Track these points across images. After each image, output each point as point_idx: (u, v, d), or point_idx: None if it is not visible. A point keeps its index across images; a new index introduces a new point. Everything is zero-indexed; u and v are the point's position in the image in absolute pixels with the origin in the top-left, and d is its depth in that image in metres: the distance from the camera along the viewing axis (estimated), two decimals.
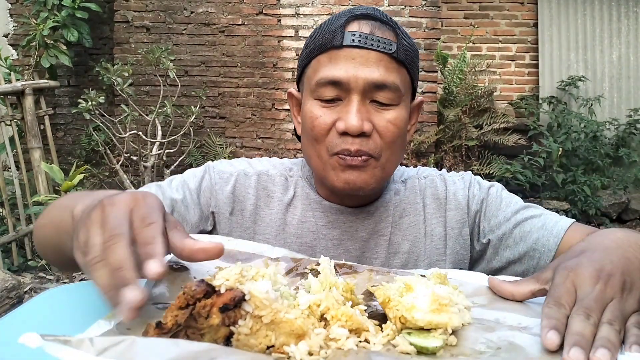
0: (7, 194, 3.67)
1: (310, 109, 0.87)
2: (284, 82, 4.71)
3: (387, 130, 0.85)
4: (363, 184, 0.86)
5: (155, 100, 4.41)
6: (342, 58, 0.84)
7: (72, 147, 5.19)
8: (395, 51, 0.84)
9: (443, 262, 0.95)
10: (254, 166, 0.99)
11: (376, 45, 0.83)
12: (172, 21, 4.74)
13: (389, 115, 0.85)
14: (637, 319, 0.54)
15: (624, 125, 5.25)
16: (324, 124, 0.85)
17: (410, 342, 0.52)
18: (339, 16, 0.88)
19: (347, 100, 0.85)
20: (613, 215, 4.78)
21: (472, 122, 4.76)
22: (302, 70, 0.92)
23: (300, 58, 0.93)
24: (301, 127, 0.93)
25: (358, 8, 0.88)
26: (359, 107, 0.83)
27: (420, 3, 4.59)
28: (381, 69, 0.83)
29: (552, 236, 0.88)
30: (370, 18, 0.86)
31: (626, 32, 5.51)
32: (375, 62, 0.83)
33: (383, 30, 0.85)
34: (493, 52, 5.56)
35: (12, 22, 5.24)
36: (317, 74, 0.86)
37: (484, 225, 0.96)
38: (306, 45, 0.91)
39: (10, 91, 3.78)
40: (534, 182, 4.68)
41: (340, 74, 0.83)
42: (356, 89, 0.83)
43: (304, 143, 0.92)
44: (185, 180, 0.95)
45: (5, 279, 2.95)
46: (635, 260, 0.61)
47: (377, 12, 0.88)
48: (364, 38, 0.83)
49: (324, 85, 0.85)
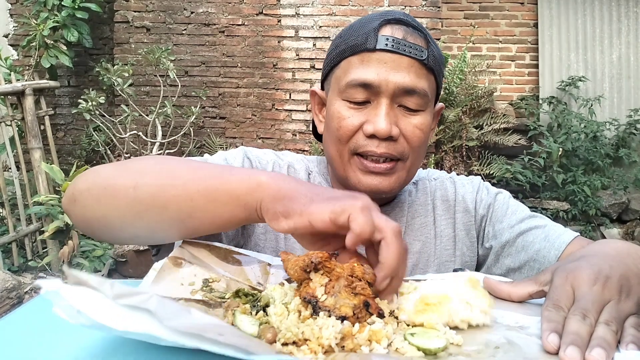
0: (7, 194, 3.67)
1: (338, 109, 0.87)
2: (284, 83, 4.71)
3: (413, 135, 0.86)
4: (387, 189, 0.88)
5: (155, 100, 4.41)
6: (375, 61, 0.84)
7: (72, 148, 5.19)
8: (426, 58, 0.85)
9: (452, 263, 0.96)
10: (282, 157, 1.00)
11: (408, 50, 0.84)
12: (172, 21, 4.74)
13: (416, 121, 0.86)
14: (635, 320, 0.55)
15: (624, 126, 5.25)
16: (351, 125, 0.86)
17: (412, 343, 0.52)
18: (372, 18, 0.88)
19: (376, 103, 0.85)
20: (613, 215, 4.78)
21: (472, 123, 4.76)
22: (330, 70, 0.92)
23: (328, 57, 0.93)
24: (324, 126, 0.94)
25: (390, 12, 0.89)
26: (388, 110, 0.84)
27: (420, 3, 4.59)
28: (412, 75, 0.84)
29: (553, 248, 0.88)
30: (403, 23, 0.86)
31: (626, 32, 5.50)
32: (407, 67, 0.84)
33: (415, 36, 0.85)
34: (493, 53, 5.56)
35: (12, 22, 5.25)
36: (347, 75, 0.86)
37: (488, 229, 0.97)
38: (336, 45, 0.91)
39: (11, 91, 3.78)
40: (534, 183, 4.68)
41: (371, 77, 0.84)
42: (386, 92, 0.84)
43: (327, 142, 0.93)
44: (227, 159, 0.94)
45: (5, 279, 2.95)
46: (633, 267, 0.61)
47: (409, 17, 0.88)
48: (397, 43, 0.83)
49: (354, 87, 0.85)
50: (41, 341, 0.56)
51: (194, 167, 0.72)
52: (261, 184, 0.63)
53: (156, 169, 0.72)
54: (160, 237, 0.73)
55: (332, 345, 0.50)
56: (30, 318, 0.63)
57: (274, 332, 0.51)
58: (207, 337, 0.44)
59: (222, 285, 0.64)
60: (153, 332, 0.44)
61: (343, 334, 0.51)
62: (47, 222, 3.73)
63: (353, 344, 0.51)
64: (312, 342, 0.50)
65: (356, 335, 0.51)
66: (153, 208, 0.68)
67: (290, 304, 0.56)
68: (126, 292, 0.45)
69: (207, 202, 0.65)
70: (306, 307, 0.54)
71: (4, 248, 3.63)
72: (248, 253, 0.72)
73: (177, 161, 0.75)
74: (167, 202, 0.67)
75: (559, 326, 0.52)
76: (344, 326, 0.51)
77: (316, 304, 0.54)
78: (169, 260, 0.65)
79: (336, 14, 4.64)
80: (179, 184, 0.68)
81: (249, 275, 0.68)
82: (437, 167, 4.52)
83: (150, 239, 0.76)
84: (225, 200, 0.65)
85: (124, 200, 0.69)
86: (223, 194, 0.65)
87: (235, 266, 0.69)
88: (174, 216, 0.68)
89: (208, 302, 0.60)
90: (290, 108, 4.71)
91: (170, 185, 0.68)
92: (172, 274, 0.63)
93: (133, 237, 0.77)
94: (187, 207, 0.67)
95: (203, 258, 0.68)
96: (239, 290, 0.61)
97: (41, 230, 3.80)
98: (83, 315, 0.44)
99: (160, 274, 0.62)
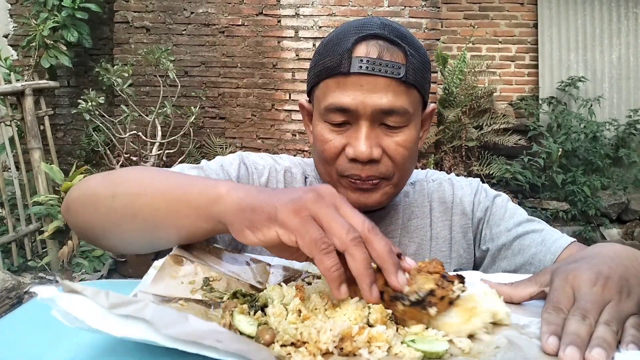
0: (7, 195, 3.67)
1: (321, 132, 0.87)
2: (284, 83, 4.71)
3: (397, 153, 0.85)
4: (374, 204, 0.88)
5: (155, 100, 4.41)
6: (350, 85, 0.82)
7: (72, 148, 5.19)
8: (404, 75, 0.82)
9: (448, 265, 0.96)
10: (279, 162, 0.99)
11: (384, 70, 0.81)
12: (172, 21, 4.74)
13: (399, 138, 0.85)
14: (635, 320, 0.55)
15: (624, 126, 5.25)
16: (333, 148, 0.86)
17: (417, 349, 0.51)
18: (347, 33, 0.85)
19: (356, 125, 0.84)
20: (613, 215, 4.78)
21: (472, 123, 4.76)
22: (312, 87, 0.91)
23: (309, 74, 0.92)
24: (313, 145, 0.93)
25: (366, 24, 0.85)
26: (368, 133, 0.83)
27: (420, 3, 4.59)
28: (389, 95, 0.82)
29: (549, 253, 0.88)
30: (379, 38, 0.83)
31: (626, 33, 5.51)
32: (384, 88, 0.82)
33: (392, 52, 0.82)
34: (493, 53, 5.56)
35: (12, 22, 5.24)
36: (325, 98, 0.85)
37: (485, 232, 0.97)
38: (315, 63, 0.89)
39: (10, 91, 3.78)
40: (534, 183, 4.68)
41: (347, 101, 0.82)
42: (364, 115, 0.83)
43: (316, 159, 0.93)
44: (223, 166, 0.93)
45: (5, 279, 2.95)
46: (632, 268, 0.61)
47: (386, 28, 0.84)
48: (372, 64, 0.81)
49: (332, 111, 0.84)
50: (41, 341, 0.56)
51: (166, 177, 0.72)
52: (221, 196, 0.61)
53: (133, 179, 0.73)
54: (134, 247, 0.74)
55: (330, 349, 0.50)
56: (30, 318, 0.63)
57: (273, 333, 0.51)
58: (206, 345, 0.44)
59: (222, 284, 0.63)
60: (151, 338, 0.45)
61: (342, 335, 0.51)
62: (47, 222, 3.73)
63: (352, 347, 0.50)
64: (310, 345, 0.50)
65: (355, 337, 0.51)
66: (125, 217, 0.69)
67: (290, 304, 0.56)
68: (121, 302, 0.45)
69: (170, 212, 0.65)
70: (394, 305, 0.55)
71: (3, 248, 3.63)
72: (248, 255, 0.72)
73: (156, 171, 0.75)
74: (137, 211, 0.68)
75: (559, 329, 0.52)
76: (343, 327, 0.51)
77: (402, 296, 0.54)
78: (169, 257, 0.65)
79: (336, 14, 4.64)
80: (148, 193, 0.68)
81: (249, 274, 0.68)
82: (436, 168, 4.52)
83: (127, 249, 0.77)
84: (187, 212, 0.64)
85: (103, 210, 0.71)
86: (184, 206, 0.64)
87: (236, 265, 0.69)
88: (142, 226, 0.68)
89: (207, 302, 0.60)
90: (290, 108, 4.71)
91: (142, 194, 0.68)
92: (172, 272, 0.63)
93: (114, 246, 0.77)
94: (153, 218, 0.67)
95: (203, 257, 0.68)
96: (237, 292, 0.61)
97: (41, 230, 3.80)
98: (80, 321, 0.45)
99: (160, 272, 0.62)
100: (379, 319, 0.53)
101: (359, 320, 0.53)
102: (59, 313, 0.45)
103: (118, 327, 0.45)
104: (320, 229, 0.54)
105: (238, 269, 0.68)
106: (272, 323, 0.53)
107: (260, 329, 0.52)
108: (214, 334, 0.45)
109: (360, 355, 0.50)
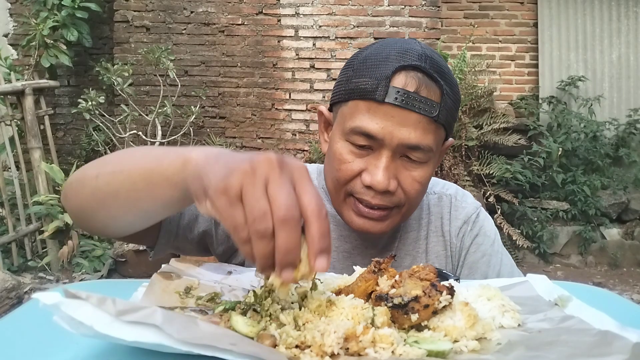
0: (7, 194, 3.67)
1: (340, 151, 0.86)
2: (284, 82, 4.71)
3: (412, 188, 0.85)
4: (379, 232, 0.88)
5: (155, 100, 4.41)
6: (382, 113, 0.81)
7: (72, 147, 5.19)
8: (437, 114, 0.81)
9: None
10: None
11: (418, 106, 0.80)
12: (172, 21, 4.74)
13: (416, 173, 0.85)
14: None
15: (624, 125, 5.25)
16: (350, 171, 0.85)
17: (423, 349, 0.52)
18: (387, 58, 0.82)
19: (378, 152, 0.83)
20: (613, 215, 4.78)
21: (472, 122, 4.75)
22: (339, 101, 0.89)
23: (338, 86, 0.89)
24: (326, 154, 0.92)
25: (408, 51, 0.82)
26: (388, 163, 0.82)
27: (420, 3, 4.59)
28: (418, 132, 0.81)
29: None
30: (420, 70, 0.81)
31: (626, 32, 5.51)
32: (414, 123, 0.81)
33: (429, 88, 0.81)
34: (493, 52, 5.56)
35: (12, 22, 5.24)
36: (353, 119, 0.83)
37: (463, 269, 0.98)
38: (347, 78, 0.86)
39: (10, 91, 3.78)
40: (534, 182, 4.68)
41: (376, 129, 0.81)
42: (390, 146, 0.82)
43: (326, 171, 0.92)
44: None
45: (5, 279, 2.95)
46: None
47: (427, 60, 0.82)
48: (407, 97, 0.79)
49: (357, 133, 0.83)
50: (41, 341, 0.56)
51: (148, 152, 0.72)
52: (188, 161, 0.59)
53: (116, 158, 0.74)
54: (124, 225, 0.75)
55: (336, 352, 0.50)
56: (30, 318, 0.63)
57: (273, 339, 0.51)
58: (221, 348, 0.45)
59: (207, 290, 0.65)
60: (164, 342, 0.44)
61: (347, 336, 0.51)
62: (47, 222, 3.73)
63: (358, 347, 0.50)
64: (315, 347, 0.50)
65: (360, 337, 0.51)
66: (109, 195, 0.70)
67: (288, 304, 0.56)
68: (129, 308, 0.45)
69: (146, 185, 0.65)
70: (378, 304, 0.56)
71: (3, 248, 3.63)
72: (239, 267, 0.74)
73: (140, 149, 0.76)
74: (119, 187, 0.69)
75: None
76: (347, 328, 0.51)
77: (387, 297, 0.55)
78: (158, 274, 0.66)
79: (336, 13, 4.64)
80: (125, 169, 0.69)
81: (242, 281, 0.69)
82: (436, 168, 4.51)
83: (117, 228, 0.77)
84: (158, 182, 0.63)
85: (89, 190, 0.73)
86: (157, 176, 0.64)
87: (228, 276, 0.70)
88: (125, 202, 0.69)
89: (204, 311, 0.60)
90: (290, 108, 4.70)
91: (120, 171, 0.69)
92: (162, 287, 0.64)
93: (105, 226, 0.77)
94: (132, 192, 0.67)
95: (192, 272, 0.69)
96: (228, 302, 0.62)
97: (41, 230, 3.80)
98: (87, 327, 0.44)
99: (150, 287, 0.63)
100: (385, 321, 0.54)
101: (359, 318, 0.54)
102: (63, 319, 0.45)
103: (128, 333, 0.44)
104: (243, 212, 0.50)
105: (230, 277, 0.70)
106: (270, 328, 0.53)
107: (261, 334, 0.52)
108: (227, 337, 0.46)
109: (366, 355, 0.50)
